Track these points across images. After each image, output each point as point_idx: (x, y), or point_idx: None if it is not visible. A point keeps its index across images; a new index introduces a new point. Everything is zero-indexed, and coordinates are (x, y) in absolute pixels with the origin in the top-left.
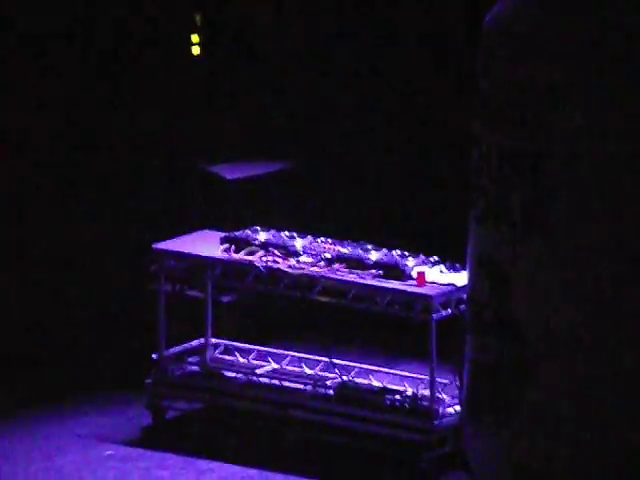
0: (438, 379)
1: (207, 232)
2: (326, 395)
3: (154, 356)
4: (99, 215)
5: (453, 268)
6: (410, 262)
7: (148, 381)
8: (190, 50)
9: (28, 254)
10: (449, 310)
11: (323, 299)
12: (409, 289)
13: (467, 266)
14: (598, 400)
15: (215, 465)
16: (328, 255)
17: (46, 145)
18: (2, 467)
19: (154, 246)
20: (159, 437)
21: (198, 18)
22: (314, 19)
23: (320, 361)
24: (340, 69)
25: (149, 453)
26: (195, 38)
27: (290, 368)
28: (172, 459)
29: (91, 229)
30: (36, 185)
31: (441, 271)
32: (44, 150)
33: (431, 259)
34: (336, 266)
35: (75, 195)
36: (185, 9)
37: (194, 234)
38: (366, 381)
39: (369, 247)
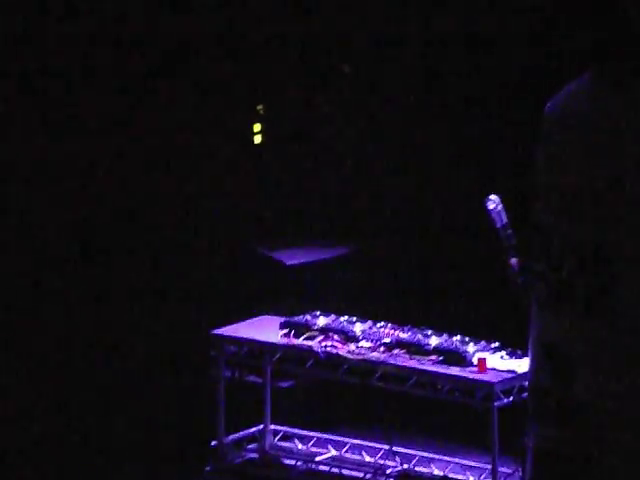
0: (500, 469)
1: (267, 317)
2: None
3: (213, 442)
4: (158, 298)
5: (514, 354)
6: (471, 348)
7: (207, 468)
8: (252, 139)
9: (81, 336)
10: (511, 397)
11: (383, 385)
12: (470, 376)
13: (529, 352)
14: None
15: None
16: (388, 340)
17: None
18: None
19: (213, 331)
20: None
21: (260, 108)
22: (375, 108)
23: (380, 449)
24: (396, 154)
25: None
26: (257, 127)
27: (350, 456)
28: None
29: (151, 312)
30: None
31: (502, 357)
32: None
33: (492, 345)
34: (396, 352)
35: (133, 275)
36: (247, 98)
37: (254, 319)
38: (427, 470)
39: (429, 332)
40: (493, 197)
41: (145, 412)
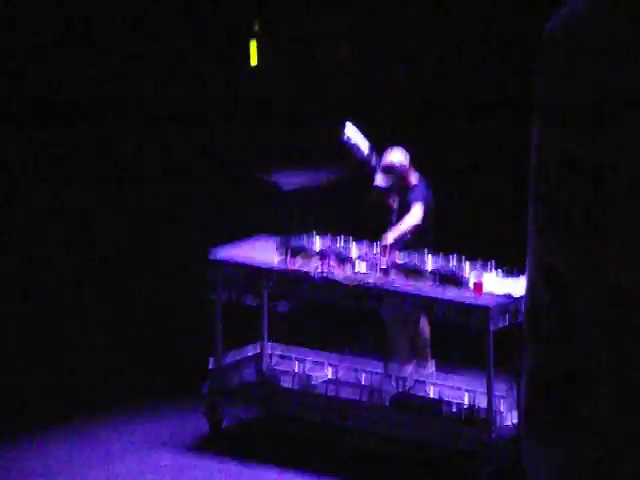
0: (495, 390)
1: (263, 239)
2: (382, 405)
3: (211, 364)
4: (159, 223)
5: (511, 274)
6: (467, 269)
7: (205, 389)
8: (248, 60)
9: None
10: (507, 320)
11: (378, 308)
12: (466, 300)
13: (526, 273)
14: None
15: (271, 473)
16: (384, 263)
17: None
18: (62, 472)
19: (211, 255)
20: (215, 445)
21: (256, 26)
22: (374, 28)
23: (376, 372)
24: (397, 80)
25: (205, 461)
26: (253, 46)
27: (346, 379)
28: (228, 467)
29: (151, 236)
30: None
31: (499, 276)
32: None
33: (488, 265)
34: (392, 274)
35: (134, 201)
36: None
37: (251, 241)
38: (422, 392)
39: (425, 254)
40: (348, 127)
41: (144, 334)
